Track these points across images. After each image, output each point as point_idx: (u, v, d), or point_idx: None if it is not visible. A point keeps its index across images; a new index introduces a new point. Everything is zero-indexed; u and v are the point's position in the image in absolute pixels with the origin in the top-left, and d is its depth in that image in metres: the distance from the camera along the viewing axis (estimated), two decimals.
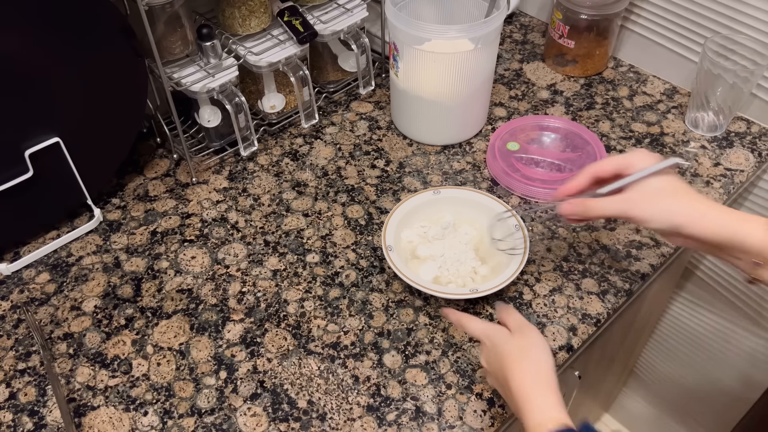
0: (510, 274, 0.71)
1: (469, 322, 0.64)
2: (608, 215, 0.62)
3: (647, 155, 0.62)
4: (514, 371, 0.56)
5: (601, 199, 0.62)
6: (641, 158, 0.61)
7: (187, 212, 0.89)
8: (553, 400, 0.54)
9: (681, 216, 0.59)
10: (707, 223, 0.58)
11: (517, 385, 0.56)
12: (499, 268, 0.75)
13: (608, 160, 0.63)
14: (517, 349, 0.58)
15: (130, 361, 0.72)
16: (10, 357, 0.73)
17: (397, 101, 0.98)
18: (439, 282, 0.75)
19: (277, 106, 0.99)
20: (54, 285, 0.80)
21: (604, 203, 0.62)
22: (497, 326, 0.62)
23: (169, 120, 0.92)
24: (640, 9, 1.05)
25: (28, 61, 0.72)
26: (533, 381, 0.56)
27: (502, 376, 0.58)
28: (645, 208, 0.60)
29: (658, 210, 0.60)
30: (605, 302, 0.76)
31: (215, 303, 0.77)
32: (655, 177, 0.61)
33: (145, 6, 0.74)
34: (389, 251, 0.74)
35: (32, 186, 0.79)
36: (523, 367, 0.57)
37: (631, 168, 0.62)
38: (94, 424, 0.67)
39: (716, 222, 0.58)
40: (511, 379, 0.56)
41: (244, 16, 0.89)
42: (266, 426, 0.66)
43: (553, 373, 0.57)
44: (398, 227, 0.78)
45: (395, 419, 0.66)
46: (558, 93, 1.06)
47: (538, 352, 0.58)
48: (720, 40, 0.92)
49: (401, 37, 0.87)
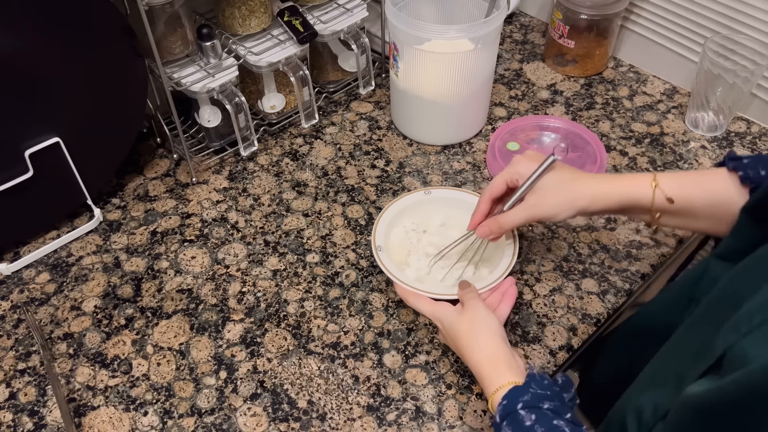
0: (499, 275, 0.71)
1: (421, 304, 0.68)
2: (520, 224, 0.67)
3: (528, 161, 0.67)
4: (467, 349, 0.62)
5: (510, 212, 0.67)
6: (524, 166, 0.67)
7: (187, 212, 0.89)
8: (502, 367, 0.59)
9: (582, 200, 0.65)
10: (606, 198, 0.65)
11: (472, 360, 0.61)
12: (492, 268, 0.74)
13: (497, 179, 0.69)
14: (465, 327, 0.63)
15: (130, 361, 0.72)
16: (10, 357, 0.73)
17: (397, 101, 0.98)
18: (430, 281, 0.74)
19: (277, 106, 0.99)
20: (54, 285, 0.80)
21: (513, 215, 0.67)
22: (444, 306, 0.66)
23: (169, 120, 0.92)
24: (640, 9, 1.05)
25: (28, 61, 0.72)
26: (483, 356, 0.61)
27: (460, 353, 0.64)
28: (548, 206, 0.65)
29: (560, 203, 0.65)
30: (605, 302, 0.76)
31: (215, 303, 0.77)
32: (544, 176, 0.66)
33: (145, 6, 0.74)
34: (378, 251, 0.73)
35: (32, 186, 0.79)
36: (474, 344, 0.62)
37: (520, 179, 0.67)
38: (94, 424, 0.67)
39: (613, 193, 0.64)
40: (466, 356, 0.62)
41: (244, 16, 0.89)
42: (266, 426, 0.66)
43: (498, 339, 0.61)
44: (388, 227, 0.78)
45: (395, 419, 0.66)
46: (558, 93, 1.06)
47: (483, 325, 0.63)
48: (720, 40, 0.92)
49: (401, 37, 0.87)
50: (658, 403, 0.48)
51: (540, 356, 0.71)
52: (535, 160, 0.67)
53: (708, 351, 0.43)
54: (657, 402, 0.49)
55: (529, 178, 0.66)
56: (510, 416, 0.53)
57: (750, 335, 0.40)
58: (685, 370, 0.46)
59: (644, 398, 0.51)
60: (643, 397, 0.51)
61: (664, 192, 0.63)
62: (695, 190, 0.63)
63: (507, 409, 0.54)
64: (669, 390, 0.48)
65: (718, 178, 0.62)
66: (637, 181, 0.64)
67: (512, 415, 0.53)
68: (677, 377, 0.48)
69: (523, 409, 0.53)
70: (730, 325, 0.42)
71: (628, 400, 0.54)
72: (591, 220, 0.85)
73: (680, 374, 0.47)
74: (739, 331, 0.40)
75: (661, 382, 0.50)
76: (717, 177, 0.62)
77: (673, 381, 0.48)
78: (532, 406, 0.53)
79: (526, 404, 0.53)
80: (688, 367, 0.46)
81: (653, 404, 0.49)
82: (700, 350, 0.45)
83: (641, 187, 0.64)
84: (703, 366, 0.43)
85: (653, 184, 0.63)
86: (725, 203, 0.61)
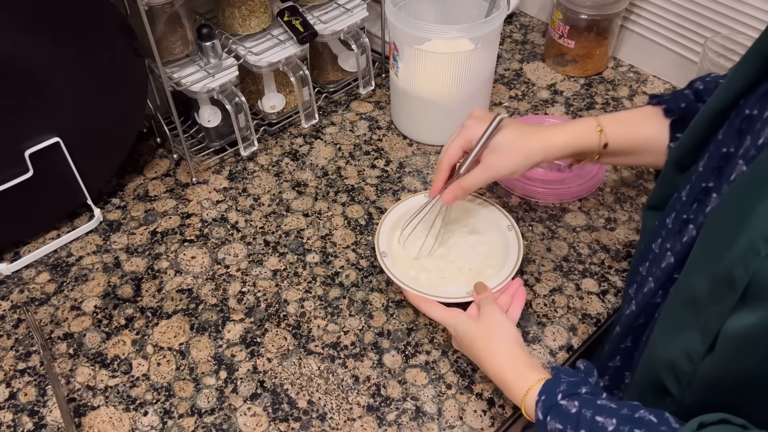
0: (506, 275, 0.71)
1: (432, 310, 0.68)
2: (482, 184, 0.70)
3: (478, 123, 0.69)
4: (485, 357, 0.62)
5: (469, 175, 0.69)
6: (476, 128, 0.68)
7: (187, 212, 0.89)
8: (524, 370, 0.59)
9: (538, 155, 0.68)
10: (558, 149, 0.68)
11: (491, 368, 0.61)
12: (498, 268, 0.74)
13: (451, 144, 0.70)
14: (480, 334, 0.63)
15: (130, 361, 0.72)
16: (10, 357, 0.73)
17: (397, 101, 0.98)
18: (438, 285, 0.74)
19: (277, 106, 0.99)
20: (54, 285, 0.80)
21: (472, 177, 0.69)
22: (457, 313, 0.66)
23: (169, 120, 0.92)
24: (640, 9, 1.05)
25: (28, 62, 0.72)
26: (502, 363, 0.60)
27: (477, 360, 0.63)
28: (505, 165, 0.68)
29: (516, 161, 0.67)
30: (605, 302, 0.76)
31: (215, 303, 0.77)
32: (496, 136, 0.68)
33: (145, 6, 0.74)
34: (383, 257, 0.73)
35: (32, 186, 0.79)
36: (491, 351, 0.61)
37: (472, 140, 0.69)
38: (94, 424, 0.67)
39: (565, 143, 0.68)
40: (484, 364, 0.62)
41: (244, 16, 0.89)
42: (266, 426, 0.66)
43: (516, 343, 0.62)
44: (391, 232, 0.77)
45: (395, 419, 0.66)
46: (558, 93, 1.06)
47: (499, 332, 0.62)
48: (720, 40, 0.92)
49: (401, 37, 0.87)
50: (690, 349, 0.46)
51: (540, 356, 0.71)
52: (484, 119, 0.69)
53: (728, 281, 0.42)
54: (688, 348, 0.47)
55: (480, 140, 0.68)
56: (552, 409, 0.53)
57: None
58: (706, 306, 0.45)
59: (670, 351, 0.49)
60: (668, 351, 0.49)
61: (607, 136, 0.68)
62: (632, 128, 0.69)
63: (547, 403, 0.53)
64: (695, 334, 0.46)
65: (648, 113, 0.69)
66: (584, 127, 0.68)
67: (554, 408, 0.53)
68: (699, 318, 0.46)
69: (563, 399, 0.53)
70: (744, 249, 0.40)
71: (652, 361, 0.52)
72: (591, 220, 0.85)
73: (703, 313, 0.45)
74: (758, 253, 0.39)
75: (682, 329, 0.48)
76: (646, 113, 0.69)
77: (697, 323, 0.46)
78: (571, 394, 0.53)
79: (565, 394, 0.53)
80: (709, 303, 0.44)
81: (684, 353, 0.47)
82: (717, 282, 0.43)
83: (589, 134, 0.68)
84: (730, 299, 0.42)
85: (598, 129, 0.68)
86: (656, 136, 0.68)
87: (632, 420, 0.48)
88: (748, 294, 0.41)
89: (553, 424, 0.52)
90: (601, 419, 0.49)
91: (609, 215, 0.86)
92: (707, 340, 0.45)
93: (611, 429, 0.48)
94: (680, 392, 0.49)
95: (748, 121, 0.50)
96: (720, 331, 0.43)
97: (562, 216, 0.86)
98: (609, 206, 0.87)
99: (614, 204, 0.88)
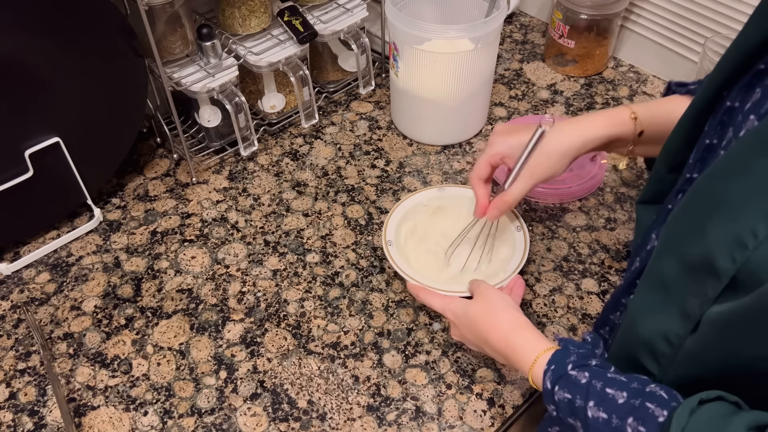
0: (508, 274, 0.71)
1: (432, 300, 0.68)
2: (524, 194, 0.70)
3: (505, 137, 0.70)
4: (489, 331, 0.61)
5: (512, 187, 0.69)
6: (502, 144, 0.69)
7: (187, 212, 0.89)
8: (532, 335, 0.58)
9: (574, 152, 0.67)
10: (593, 141, 0.67)
11: (497, 340, 0.60)
12: (501, 265, 0.75)
13: (481, 161, 0.71)
14: (482, 309, 0.63)
15: (130, 361, 0.72)
16: (10, 357, 0.73)
17: (397, 101, 0.98)
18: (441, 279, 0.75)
19: (277, 106, 0.99)
20: (54, 285, 0.80)
21: (515, 190, 0.69)
22: (455, 298, 0.66)
23: (169, 120, 0.92)
24: (640, 9, 1.05)
25: (28, 62, 0.72)
26: (508, 330, 0.60)
27: (480, 338, 0.62)
28: (542, 169, 0.68)
29: (553, 163, 0.67)
30: (605, 302, 0.76)
31: (215, 303, 0.77)
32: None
33: (145, 6, 0.74)
34: (389, 246, 0.74)
35: (32, 186, 0.79)
36: (495, 322, 0.61)
37: (504, 157, 0.70)
38: (94, 424, 0.67)
39: (599, 132, 0.67)
40: (490, 338, 0.61)
41: (244, 16, 0.89)
42: (266, 426, 0.66)
43: (518, 313, 0.62)
44: (399, 224, 0.78)
45: (395, 419, 0.66)
46: (558, 93, 1.06)
47: (500, 303, 0.62)
48: (720, 40, 0.92)
49: (401, 37, 0.87)
50: (668, 331, 0.47)
51: None
52: (512, 133, 0.69)
53: (709, 269, 0.42)
54: (665, 331, 0.47)
55: (522, 154, 0.68)
56: (562, 379, 0.52)
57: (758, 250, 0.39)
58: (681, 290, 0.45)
59: (645, 331, 0.49)
60: (643, 330, 0.49)
61: (642, 124, 0.67)
62: (664, 115, 0.67)
63: (557, 372, 0.53)
64: (672, 318, 0.46)
65: (679, 102, 0.66)
66: (619, 115, 0.67)
67: (564, 378, 0.52)
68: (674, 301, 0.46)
69: (573, 370, 0.52)
70: (732, 240, 0.40)
71: (627, 339, 0.53)
72: (591, 220, 0.85)
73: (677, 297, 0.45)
74: (746, 246, 0.39)
75: (656, 312, 0.48)
76: (677, 102, 0.66)
77: (671, 307, 0.46)
78: (581, 365, 0.52)
79: (575, 364, 0.53)
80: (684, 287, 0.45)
81: (661, 335, 0.47)
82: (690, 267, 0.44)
83: (626, 122, 0.67)
84: (713, 287, 0.42)
85: (633, 117, 0.67)
86: None
87: (643, 393, 0.47)
88: (736, 283, 0.41)
89: (561, 393, 0.52)
90: (611, 391, 0.49)
91: (609, 215, 0.86)
92: (689, 325, 0.45)
93: (621, 402, 0.48)
94: (661, 371, 0.49)
95: (730, 113, 0.50)
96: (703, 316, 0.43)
97: (562, 216, 0.86)
98: (609, 206, 0.87)
99: (614, 204, 0.88)
